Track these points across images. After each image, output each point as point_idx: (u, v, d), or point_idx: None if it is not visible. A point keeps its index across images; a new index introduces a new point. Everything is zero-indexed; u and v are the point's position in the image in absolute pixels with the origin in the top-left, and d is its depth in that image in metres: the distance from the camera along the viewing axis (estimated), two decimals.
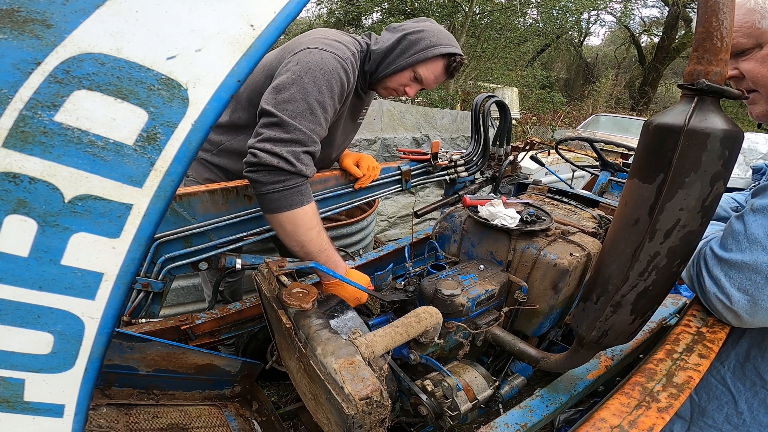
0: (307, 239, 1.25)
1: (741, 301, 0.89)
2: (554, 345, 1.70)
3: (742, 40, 0.91)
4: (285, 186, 1.18)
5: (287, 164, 1.16)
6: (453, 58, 1.48)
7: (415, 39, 1.44)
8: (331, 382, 0.84)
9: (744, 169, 5.25)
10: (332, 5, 15.17)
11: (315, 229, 1.26)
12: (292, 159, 1.17)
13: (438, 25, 1.50)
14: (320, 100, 1.23)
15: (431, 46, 1.44)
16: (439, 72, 1.51)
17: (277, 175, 1.17)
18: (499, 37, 11.54)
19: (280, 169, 1.16)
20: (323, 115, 1.25)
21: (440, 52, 1.45)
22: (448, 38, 1.48)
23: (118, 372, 1.21)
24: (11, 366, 0.53)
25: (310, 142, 1.21)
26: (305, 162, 1.21)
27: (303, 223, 1.23)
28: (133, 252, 0.54)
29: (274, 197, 1.19)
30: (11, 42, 0.44)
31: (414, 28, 1.46)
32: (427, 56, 1.44)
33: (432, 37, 1.44)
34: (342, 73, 1.29)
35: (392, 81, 1.51)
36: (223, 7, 0.52)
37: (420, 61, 1.45)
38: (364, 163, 1.76)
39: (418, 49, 1.44)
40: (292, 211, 1.21)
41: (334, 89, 1.27)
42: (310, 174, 1.23)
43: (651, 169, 0.67)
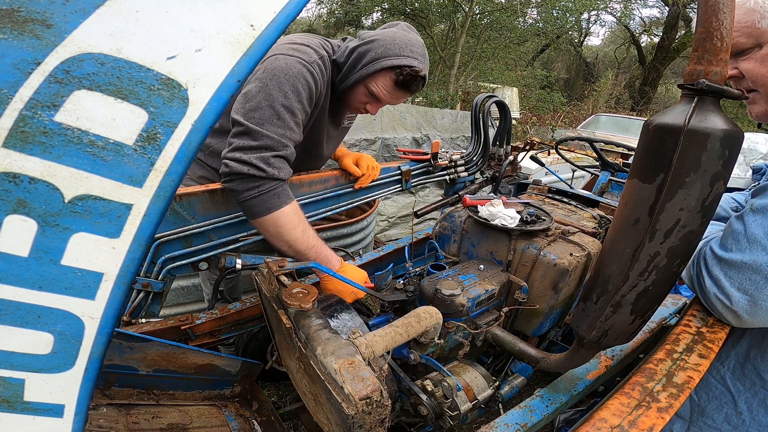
0: (292, 239, 1.27)
1: (741, 301, 0.89)
2: (554, 345, 1.70)
3: (742, 39, 0.91)
4: (260, 191, 1.20)
5: (257, 170, 1.18)
6: (401, 70, 1.35)
7: (363, 51, 1.35)
8: (331, 382, 0.84)
9: (744, 169, 5.25)
10: (332, 5, 15.18)
11: (299, 228, 1.27)
12: (262, 165, 1.18)
13: (397, 33, 1.37)
14: (287, 104, 1.23)
15: (376, 59, 1.34)
16: (389, 87, 1.39)
17: (250, 182, 1.19)
18: (499, 37, 11.55)
19: (251, 176, 1.18)
20: (292, 119, 1.25)
21: (383, 66, 1.33)
22: (399, 48, 1.34)
23: (118, 372, 1.21)
24: (11, 366, 0.53)
25: (280, 147, 1.22)
26: (276, 165, 1.21)
27: (284, 224, 1.25)
28: (133, 252, 0.54)
29: (252, 203, 1.22)
30: (11, 42, 0.44)
31: (365, 39, 1.36)
32: (369, 71, 1.35)
33: (379, 48, 1.33)
34: (308, 77, 1.27)
35: (350, 98, 1.46)
36: (223, 7, 0.52)
37: (365, 76, 1.36)
38: (364, 162, 1.76)
39: (364, 63, 1.35)
40: (272, 215, 1.23)
41: (301, 93, 1.26)
42: (284, 176, 1.23)
43: (651, 169, 0.67)
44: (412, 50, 1.36)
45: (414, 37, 1.39)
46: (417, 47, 1.37)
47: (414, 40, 1.38)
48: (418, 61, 1.36)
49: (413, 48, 1.36)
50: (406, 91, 1.42)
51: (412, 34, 1.40)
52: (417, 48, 1.37)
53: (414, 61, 1.35)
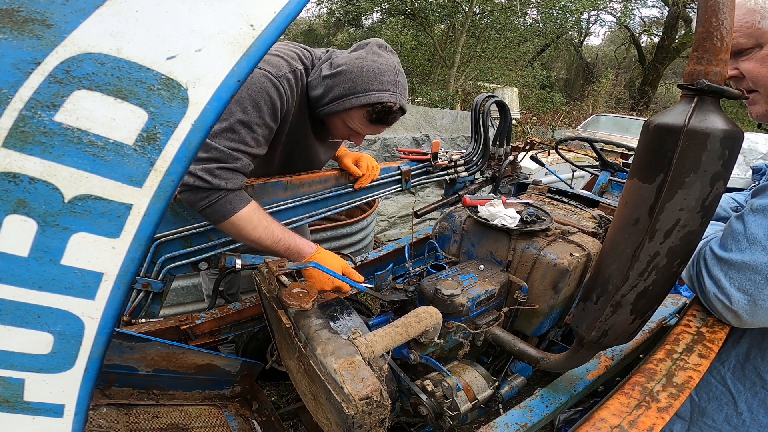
0: (254, 237, 1.26)
1: (741, 301, 0.89)
2: (554, 345, 1.70)
3: (742, 40, 0.91)
4: (210, 201, 1.19)
5: (201, 182, 1.17)
6: (373, 107, 1.27)
7: (332, 84, 1.28)
8: (331, 382, 0.84)
9: (744, 169, 5.25)
10: (332, 5, 15.18)
11: (260, 227, 1.25)
12: (206, 176, 1.16)
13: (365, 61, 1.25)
14: (244, 120, 1.20)
15: (343, 96, 1.27)
16: (363, 123, 1.33)
17: (198, 193, 1.18)
18: (499, 37, 11.55)
19: (197, 188, 1.17)
20: (249, 134, 1.21)
21: (353, 105, 1.26)
22: (367, 82, 1.24)
23: (118, 372, 1.21)
24: (11, 366, 0.53)
25: (229, 159, 1.20)
26: (223, 177, 1.19)
27: (243, 226, 1.24)
28: (133, 252, 0.54)
29: (207, 212, 1.21)
30: (11, 42, 0.44)
31: (334, 69, 1.28)
32: (337, 109, 1.29)
33: (346, 83, 1.25)
34: (272, 91, 1.22)
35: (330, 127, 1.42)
36: (223, 7, 0.52)
37: (335, 112, 1.31)
38: (363, 162, 1.76)
39: (333, 98, 1.29)
40: (228, 220, 1.22)
41: (262, 108, 1.21)
42: (231, 186, 1.21)
43: (651, 169, 0.67)
44: (382, 80, 1.26)
45: (385, 62, 1.27)
46: (387, 75, 1.27)
47: (384, 66, 1.27)
48: (390, 93, 1.27)
49: (383, 77, 1.26)
50: (384, 125, 1.36)
51: (383, 56, 1.29)
52: (387, 76, 1.27)
53: (385, 95, 1.26)
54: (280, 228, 1.31)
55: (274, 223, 1.31)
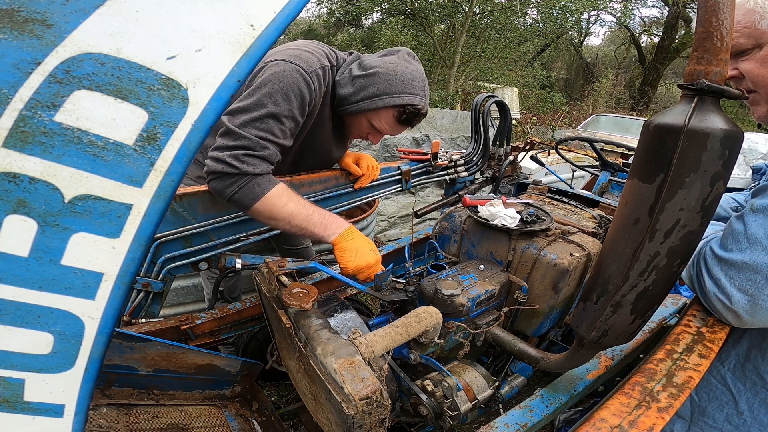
0: (287, 215, 1.25)
1: (741, 301, 0.89)
2: (554, 345, 1.70)
3: (742, 40, 0.91)
4: (239, 185, 1.20)
5: (229, 167, 1.18)
6: (403, 109, 1.36)
7: (365, 84, 1.34)
8: (331, 382, 0.84)
9: (744, 169, 5.25)
10: (332, 5, 15.18)
11: (292, 202, 1.26)
12: (234, 162, 1.18)
13: (398, 66, 1.34)
14: (275, 112, 1.22)
15: (377, 95, 1.33)
16: (390, 123, 1.40)
17: (225, 179, 1.20)
18: (499, 37, 11.55)
19: (225, 173, 1.19)
20: (277, 125, 1.24)
21: (386, 104, 1.33)
22: (401, 84, 1.33)
23: (118, 372, 1.21)
24: (11, 366, 0.53)
25: (257, 147, 1.21)
26: (250, 162, 1.21)
27: (274, 205, 1.24)
28: (133, 252, 0.54)
29: (236, 198, 1.22)
30: (11, 42, 0.44)
31: (367, 70, 1.35)
32: (370, 107, 1.35)
33: (381, 83, 1.32)
34: (303, 86, 1.26)
35: (351, 124, 1.46)
36: (223, 7, 0.52)
37: (364, 110, 1.37)
38: (364, 162, 1.76)
39: (365, 96, 1.35)
40: (260, 202, 1.22)
41: (293, 101, 1.25)
42: (259, 172, 1.22)
43: (651, 169, 0.67)
44: (414, 86, 1.35)
45: (415, 69, 1.38)
46: (418, 81, 1.37)
47: (415, 72, 1.37)
48: (420, 97, 1.37)
49: (414, 83, 1.35)
50: (408, 126, 1.44)
51: (414, 64, 1.39)
52: (418, 82, 1.37)
53: (416, 99, 1.35)
54: (307, 204, 1.30)
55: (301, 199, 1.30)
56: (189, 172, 1.62)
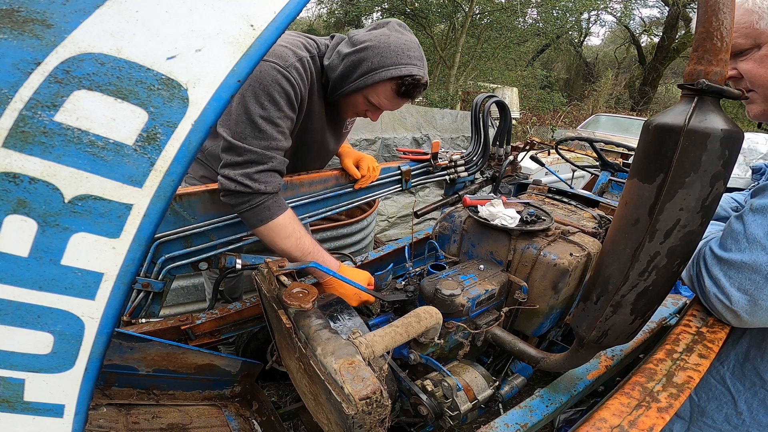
0: (286, 247, 1.30)
1: (741, 301, 0.89)
2: (554, 345, 1.70)
3: (741, 40, 0.91)
4: (251, 205, 1.24)
5: (243, 187, 1.21)
6: (402, 80, 1.29)
7: (357, 60, 1.28)
8: (331, 382, 0.84)
9: (744, 169, 5.25)
10: (332, 5, 15.19)
11: (292, 237, 1.30)
12: (247, 181, 1.21)
13: (391, 37, 1.28)
14: (264, 115, 1.21)
15: (372, 70, 1.27)
16: (390, 97, 1.34)
17: (239, 198, 1.23)
18: (499, 37, 11.56)
19: (239, 192, 1.22)
20: (274, 129, 1.23)
21: (383, 77, 1.27)
22: (395, 56, 1.27)
23: (118, 372, 1.21)
24: (11, 366, 0.53)
25: (265, 159, 1.23)
26: (263, 180, 1.23)
27: (277, 234, 1.28)
28: (133, 252, 0.54)
29: (246, 216, 1.27)
30: (11, 42, 0.44)
31: (357, 45, 1.29)
32: (367, 83, 1.29)
33: (374, 57, 1.26)
34: (283, 82, 1.22)
35: (346, 104, 1.42)
36: (223, 7, 0.52)
37: (363, 87, 1.31)
38: (364, 164, 1.76)
39: (360, 73, 1.29)
40: (265, 226, 1.27)
41: (278, 101, 1.22)
42: (271, 190, 1.25)
43: (651, 169, 0.67)
44: (410, 56, 1.29)
45: (409, 39, 1.32)
46: (414, 50, 1.31)
47: (410, 42, 1.31)
48: (417, 67, 1.30)
49: (410, 53, 1.29)
50: (408, 99, 1.38)
51: (406, 34, 1.33)
52: (414, 51, 1.31)
53: (414, 69, 1.29)
54: (311, 242, 1.35)
55: (306, 236, 1.34)
56: (192, 172, 1.63)
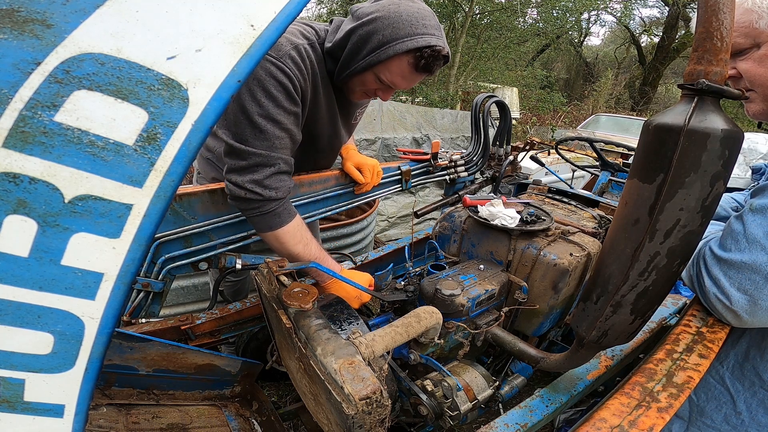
0: (294, 253, 1.29)
1: (740, 301, 0.89)
2: (554, 345, 1.70)
3: (740, 40, 0.91)
4: (261, 212, 1.22)
5: (253, 194, 1.18)
6: (420, 53, 1.14)
7: (366, 34, 1.15)
8: (331, 382, 0.84)
9: (744, 169, 5.25)
10: (332, 5, 15.17)
11: (300, 244, 1.30)
12: (257, 188, 1.17)
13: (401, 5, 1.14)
14: (263, 113, 1.12)
15: (386, 43, 1.13)
16: (406, 72, 1.20)
17: (248, 204, 1.21)
18: (499, 37, 11.56)
19: (248, 199, 1.19)
20: (275, 126, 1.15)
21: (399, 51, 1.13)
22: (410, 26, 1.12)
23: (118, 372, 1.21)
24: (11, 366, 0.53)
25: (271, 161, 1.17)
26: (272, 186, 1.19)
27: (286, 241, 1.28)
28: (133, 252, 0.54)
29: (255, 221, 1.25)
30: (11, 42, 0.44)
31: (363, 18, 1.15)
32: (380, 58, 1.15)
33: (386, 29, 1.12)
34: (278, 74, 1.12)
35: (355, 84, 1.29)
36: (223, 7, 0.52)
37: (375, 63, 1.17)
38: (367, 169, 1.72)
39: (372, 48, 1.15)
40: (273, 232, 1.25)
41: (275, 95, 1.13)
42: (281, 195, 1.22)
43: (651, 169, 0.67)
44: (425, 24, 1.13)
45: (422, 6, 1.17)
46: (429, 18, 1.15)
47: (423, 10, 1.16)
48: (436, 37, 1.15)
49: (426, 21, 1.14)
50: (427, 74, 1.23)
51: (417, 2, 1.17)
52: (429, 20, 1.15)
53: (432, 39, 1.13)
54: (317, 247, 1.35)
55: (313, 241, 1.34)
56: (204, 173, 1.62)
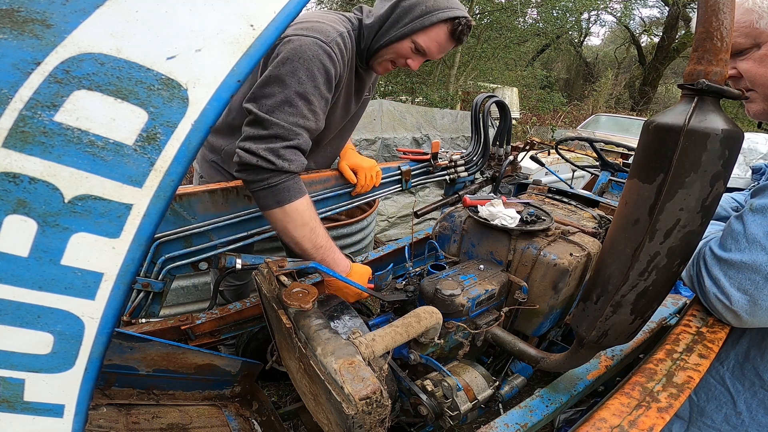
0: (299, 235, 1.24)
1: (740, 301, 0.89)
2: (554, 345, 1.70)
3: (740, 39, 0.91)
4: (269, 183, 1.17)
5: (266, 162, 1.14)
6: (457, 21, 1.32)
7: (410, 5, 1.29)
8: (331, 382, 0.84)
9: (744, 169, 5.25)
10: (332, 5, 15.18)
11: (308, 226, 1.24)
12: (271, 157, 1.14)
13: None
14: (300, 91, 1.16)
15: (429, 12, 1.28)
16: (443, 39, 1.35)
17: (259, 174, 1.16)
18: (499, 37, 11.54)
19: (261, 168, 1.15)
20: (306, 106, 1.19)
21: (441, 18, 1.28)
22: (446, 1, 1.30)
23: (118, 372, 1.21)
24: (11, 366, 0.53)
25: (291, 136, 1.17)
26: (287, 157, 1.17)
27: (293, 219, 1.22)
28: (133, 252, 0.54)
29: (262, 195, 1.19)
30: (11, 42, 0.44)
31: None
32: (424, 24, 1.29)
33: (428, 1, 1.28)
34: (325, 58, 1.20)
35: (388, 52, 1.38)
36: (223, 7, 0.52)
37: (418, 29, 1.30)
38: (363, 172, 1.71)
39: (415, 16, 1.29)
40: (281, 208, 1.20)
41: (317, 77, 1.19)
42: (294, 169, 1.19)
43: (651, 169, 0.67)
44: (456, 2, 1.34)
45: None
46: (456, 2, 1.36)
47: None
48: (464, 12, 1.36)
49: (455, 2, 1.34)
50: (457, 43, 1.40)
51: None
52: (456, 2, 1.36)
53: (464, 12, 1.34)
54: (325, 235, 1.30)
55: (321, 227, 1.29)
56: (208, 178, 1.60)
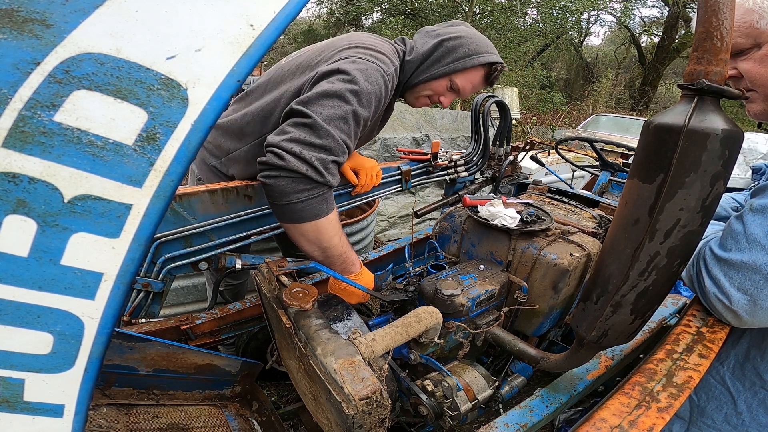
0: (329, 245, 1.20)
1: (741, 301, 0.89)
2: (554, 345, 1.70)
3: (741, 40, 0.91)
4: (310, 195, 1.09)
5: (316, 173, 1.07)
6: (494, 66, 1.45)
7: (453, 46, 1.40)
8: (331, 382, 0.84)
9: (744, 169, 5.25)
10: (332, 5, 15.20)
11: (337, 236, 1.21)
12: (321, 168, 1.07)
13: (475, 31, 1.46)
14: (356, 111, 1.16)
15: (471, 55, 1.40)
16: (477, 81, 1.47)
17: (302, 184, 1.07)
18: (499, 37, 11.55)
19: (308, 178, 1.06)
20: (355, 128, 1.18)
21: (480, 62, 1.41)
22: (487, 45, 1.44)
23: (118, 372, 1.21)
24: (11, 366, 0.53)
25: (339, 152, 1.12)
26: (333, 172, 1.13)
27: (327, 231, 1.17)
28: (133, 252, 0.54)
29: (298, 207, 1.10)
30: (11, 42, 0.44)
31: (451, 34, 1.41)
32: (466, 66, 1.41)
33: (471, 44, 1.40)
34: (382, 89, 1.24)
35: (426, 89, 1.47)
36: (223, 7, 0.52)
37: (458, 70, 1.42)
38: (364, 173, 1.71)
39: (457, 57, 1.40)
40: (318, 221, 1.13)
41: (373, 104, 1.22)
42: (334, 184, 1.15)
43: (651, 169, 0.67)
44: (493, 48, 1.48)
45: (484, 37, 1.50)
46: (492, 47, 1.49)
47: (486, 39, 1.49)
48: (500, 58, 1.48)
49: (491, 47, 1.47)
50: (489, 86, 1.54)
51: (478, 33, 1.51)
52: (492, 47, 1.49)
53: (500, 59, 1.47)
54: (347, 240, 1.30)
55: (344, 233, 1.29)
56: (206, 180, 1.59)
